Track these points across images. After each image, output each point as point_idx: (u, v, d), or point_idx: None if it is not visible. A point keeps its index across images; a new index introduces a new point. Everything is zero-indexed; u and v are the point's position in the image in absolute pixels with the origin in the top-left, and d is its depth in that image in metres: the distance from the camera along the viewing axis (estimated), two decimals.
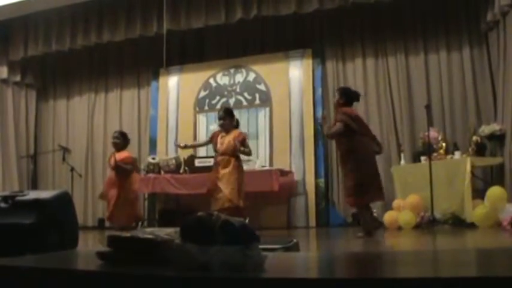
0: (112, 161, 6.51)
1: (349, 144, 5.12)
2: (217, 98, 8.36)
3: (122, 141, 6.66)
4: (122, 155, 6.58)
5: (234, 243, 1.21)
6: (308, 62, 7.88)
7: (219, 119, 5.84)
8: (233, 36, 8.50)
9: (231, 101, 8.20)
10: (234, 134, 5.78)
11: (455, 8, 7.34)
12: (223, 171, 5.63)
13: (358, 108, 7.62)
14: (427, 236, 5.48)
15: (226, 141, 5.72)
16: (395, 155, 7.29)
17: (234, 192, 5.55)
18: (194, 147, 7.28)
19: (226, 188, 5.56)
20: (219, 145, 5.75)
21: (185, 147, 6.39)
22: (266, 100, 8.07)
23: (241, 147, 5.68)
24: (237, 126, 6.00)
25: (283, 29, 8.21)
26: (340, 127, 5.11)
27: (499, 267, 1.29)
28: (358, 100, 5.58)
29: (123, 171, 6.50)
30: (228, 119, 5.80)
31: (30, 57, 8.92)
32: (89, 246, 4.97)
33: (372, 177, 5.12)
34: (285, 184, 7.03)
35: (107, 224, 6.38)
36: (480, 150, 6.39)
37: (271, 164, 7.66)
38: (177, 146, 6.61)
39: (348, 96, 5.39)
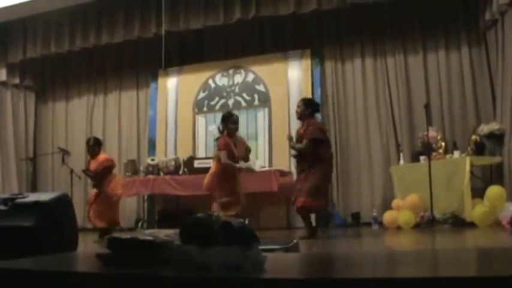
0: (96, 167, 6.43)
1: (318, 152, 5.33)
2: (216, 99, 8.35)
3: (98, 147, 6.60)
4: (100, 158, 6.56)
5: (233, 244, 1.21)
6: (307, 63, 7.88)
7: (237, 123, 5.65)
8: (232, 37, 8.50)
9: (230, 102, 8.19)
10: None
11: (454, 7, 7.34)
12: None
13: (358, 107, 7.68)
14: (426, 235, 5.48)
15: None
16: (395, 154, 7.29)
17: None
18: None
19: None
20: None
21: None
22: (265, 101, 8.07)
23: None
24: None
25: (282, 29, 8.21)
26: (309, 144, 5.30)
27: (499, 267, 1.29)
28: (319, 111, 5.91)
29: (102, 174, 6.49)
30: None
31: (29, 60, 8.91)
32: (89, 249, 4.96)
33: (325, 183, 5.49)
34: (285, 185, 7.02)
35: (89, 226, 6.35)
36: (479, 149, 6.39)
37: (270, 164, 7.66)
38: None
39: (313, 107, 5.59)
